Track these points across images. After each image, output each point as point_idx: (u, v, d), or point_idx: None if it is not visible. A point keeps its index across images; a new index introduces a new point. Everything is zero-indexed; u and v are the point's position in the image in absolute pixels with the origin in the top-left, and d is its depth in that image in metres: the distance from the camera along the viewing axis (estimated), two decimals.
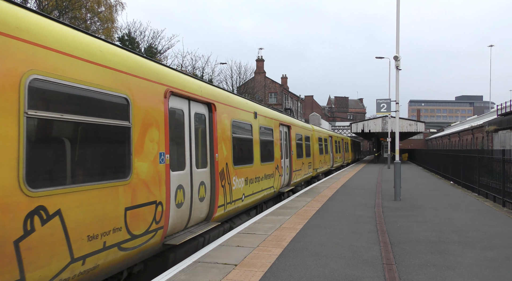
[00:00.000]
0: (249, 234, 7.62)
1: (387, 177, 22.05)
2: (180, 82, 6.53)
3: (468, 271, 5.44)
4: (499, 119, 34.97)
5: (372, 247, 6.70)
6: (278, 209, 10.81)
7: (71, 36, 4.32)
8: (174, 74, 6.48)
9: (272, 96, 70.24)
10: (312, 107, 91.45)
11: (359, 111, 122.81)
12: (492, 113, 45.58)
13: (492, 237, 7.44)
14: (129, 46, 32.77)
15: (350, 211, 10.37)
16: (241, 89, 52.74)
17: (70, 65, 4.16)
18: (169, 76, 6.23)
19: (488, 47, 69.27)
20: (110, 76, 4.72)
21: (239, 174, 8.83)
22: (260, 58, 68.58)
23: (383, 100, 18.05)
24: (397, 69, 13.63)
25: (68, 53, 4.16)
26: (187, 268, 5.50)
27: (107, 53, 4.80)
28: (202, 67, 41.69)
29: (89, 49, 4.50)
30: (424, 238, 7.40)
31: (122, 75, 4.96)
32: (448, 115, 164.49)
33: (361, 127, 41.44)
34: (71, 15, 29.51)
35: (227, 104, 8.47)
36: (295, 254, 6.25)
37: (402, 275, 5.26)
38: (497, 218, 9.61)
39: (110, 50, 4.90)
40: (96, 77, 4.48)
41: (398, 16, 13.56)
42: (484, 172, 14.31)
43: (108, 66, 4.72)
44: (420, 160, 37.88)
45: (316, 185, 17.68)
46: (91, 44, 4.59)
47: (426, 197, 13.44)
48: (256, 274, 5.26)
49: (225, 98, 8.53)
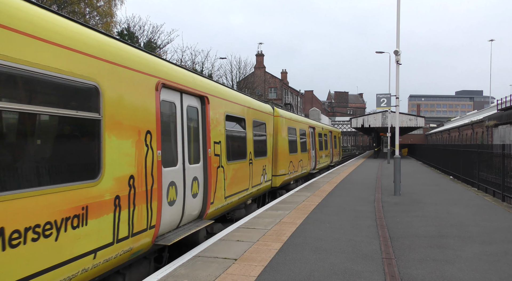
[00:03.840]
0: (249, 229, 7.63)
1: (386, 172, 22.06)
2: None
3: (468, 265, 5.46)
4: (499, 114, 34.95)
5: (371, 241, 6.72)
6: (278, 204, 10.82)
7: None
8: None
9: (272, 91, 70.14)
10: (312, 102, 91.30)
11: (359, 106, 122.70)
12: (492, 108, 45.52)
13: (492, 232, 7.46)
14: (129, 41, 32.63)
15: (350, 206, 10.38)
16: (241, 84, 52.63)
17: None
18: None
19: (488, 42, 69.02)
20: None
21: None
22: (260, 53, 68.36)
23: (383, 95, 18.01)
24: (397, 63, 13.58)
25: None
26: (187, 263, 5.51)
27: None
28: (201, 62, 41.54)
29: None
30: (423, 232, 7.42)
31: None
32: (448, 110, 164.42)
33: (361, 122, 41.41)
34: (70, 9, 29.36)
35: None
36: (295, 248, 6.27)
37: (401, 270, 5.27)
38: (496, 212, 9.63)
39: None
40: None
41: (398, 10, 13.49)
42: (483, 167, 14.32)
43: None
44: (419, 155, 37.91)
45: (316, 180, 17.68)
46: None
47: (425, 192, 13.46)
48: (256, 268, 5.28)
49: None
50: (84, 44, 4.22)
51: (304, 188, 14.66)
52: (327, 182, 16.71)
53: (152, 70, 5.58)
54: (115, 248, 4.57)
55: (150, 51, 28.67)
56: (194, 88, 6.82)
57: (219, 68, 63.11)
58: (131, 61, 5.08)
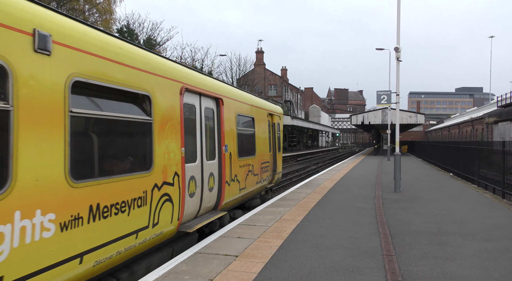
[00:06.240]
0: (250, 226, 7.65)
1: (386, 169, 22.08)
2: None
3: (468, 262, 5.47)
4: (499, 110, 34.94)
5: (372, 238, 6.73)
6: (278, 200, 10.84)
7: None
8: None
9: (272, 88, 70.01)
10: (312, 99, 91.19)
11: (359, 103, 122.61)
12: (492, 104, 45.53)
13: (492, 229, 7.47)
14: (128, 38, 32.52)
15: (350, 203, 10.40)
16: (241, 81, 52.55)
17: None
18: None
19: (488, 38, 68.88)
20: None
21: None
22: (260, 50, 68.18)
23: (384, 92, 18.01)
24: (397, 60, 13.56)
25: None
26: (188, 259, 5.52)
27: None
28: (201, 59, 41.49)
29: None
30: (424, 229, 7.43)
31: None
32: (448, 107, 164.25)
33: (361, 119, 41.42)
34: (69, 6, 29.26)
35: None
36: (296, 245, 6.28)
37: (402, 266, 5.29)
38: (496, 209, 9.65)
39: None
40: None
41: (399, 6, 13.45)
42: (483, 164, 14.33)
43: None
44: (419, 152, 37.93)
45: (316, 177, 17.71)
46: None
47: (426, 189, 13.48)
48: (257, 265, 5.29)
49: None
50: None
51: (304, 185, 14.68)
52: (327, 179, 16.73)
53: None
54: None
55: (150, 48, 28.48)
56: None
57: (219, 65, 63.08)
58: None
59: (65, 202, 3.79)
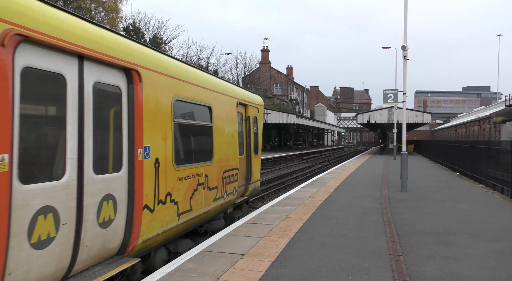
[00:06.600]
0: (256, 224, 7.65)
1: (393, 168, 21.98)
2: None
3: (476, 263, 5.42)
4: (507, 109, 34.61)
5: (379, 238, 6.70)
6: (284, 199, 10.83)
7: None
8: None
9: (278, 86, 69.91)
10: (318, 97, 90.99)
11: (364, 102, 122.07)
12: (500, 103, 45.10)
13: (500, 229, 7.41)
14: (134, 36, 32.62)
15: (356, 202, 10.36)
16: (247, 80, 52.53)
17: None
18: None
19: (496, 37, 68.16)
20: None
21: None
22: (266, 48, 68.09)
23: (390, 91, 17.89)
24: (404, 59, 13.46)
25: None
26: (194, 257, 5.54)
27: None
28: (207, 57, 41.54)
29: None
30: (431, 229, 7.38)
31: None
32: (455, 106, 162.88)
33: (367, 118, 41.24)
34: (76, 5, 29.41)
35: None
36: (302, 244, 6.27)
37: (409, 266, 5.25)
38: (505, 209, 9.56)
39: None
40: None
41: (406, 4, 13.35)
42: (491, 164, 14.20)
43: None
44: (426, 152, 37.71)
45: (321, 176, 17.67)
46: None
47: (432, 189, 13.39)
48: (264, 263, 5.29)
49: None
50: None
51: (310, 184, 14.65)
52: (333, 178, 16.69)
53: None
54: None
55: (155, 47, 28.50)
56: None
57: (224, 64, 63.06)
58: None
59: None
